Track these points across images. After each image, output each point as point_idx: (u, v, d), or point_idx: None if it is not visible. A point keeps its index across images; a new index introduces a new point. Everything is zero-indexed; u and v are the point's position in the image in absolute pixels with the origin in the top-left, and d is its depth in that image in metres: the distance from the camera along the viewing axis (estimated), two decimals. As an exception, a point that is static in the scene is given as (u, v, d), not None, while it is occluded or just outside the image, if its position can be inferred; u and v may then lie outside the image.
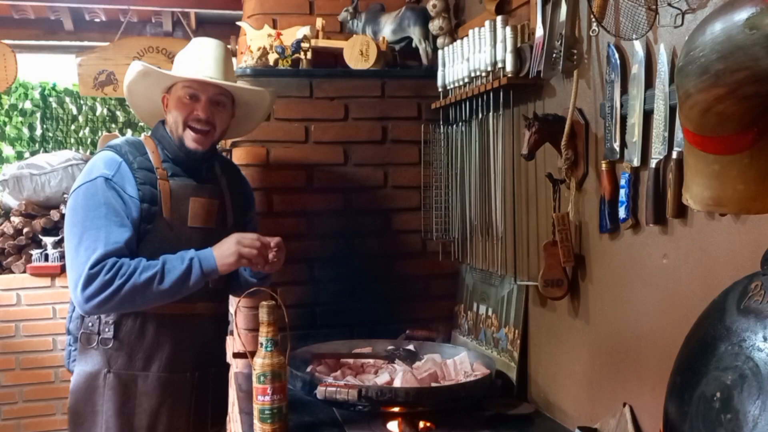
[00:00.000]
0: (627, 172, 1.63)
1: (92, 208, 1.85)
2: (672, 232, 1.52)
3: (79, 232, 1.84)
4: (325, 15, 2.83)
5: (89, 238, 1.82)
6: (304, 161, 2.65)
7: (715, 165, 1.11)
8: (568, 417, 1.97)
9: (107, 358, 1.93)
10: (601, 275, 1.81)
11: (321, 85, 2.65)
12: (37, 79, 6.71)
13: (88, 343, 1.94)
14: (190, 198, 1.97)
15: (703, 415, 1.11)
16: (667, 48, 1.48)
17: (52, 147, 6.66)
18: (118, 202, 1.86)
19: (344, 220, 2.69)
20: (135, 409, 1.95)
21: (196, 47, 2.05)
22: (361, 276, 2.68)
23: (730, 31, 0.99)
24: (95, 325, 1.93)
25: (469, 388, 1.98)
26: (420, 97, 2.71)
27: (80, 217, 1.86)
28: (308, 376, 2.01)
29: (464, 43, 2.29)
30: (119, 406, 1.93)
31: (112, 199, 1.86)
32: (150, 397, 1.95)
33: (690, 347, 1.23)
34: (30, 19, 5.02)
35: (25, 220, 4.26)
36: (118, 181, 1.88)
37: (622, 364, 1.72)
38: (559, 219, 1.86)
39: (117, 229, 1.84)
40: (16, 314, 4.12)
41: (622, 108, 1.65)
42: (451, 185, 2.54)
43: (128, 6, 4.55)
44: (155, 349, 1.95)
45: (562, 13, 1.73)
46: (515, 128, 2.16)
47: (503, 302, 2.30)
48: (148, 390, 1.95)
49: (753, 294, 1.12)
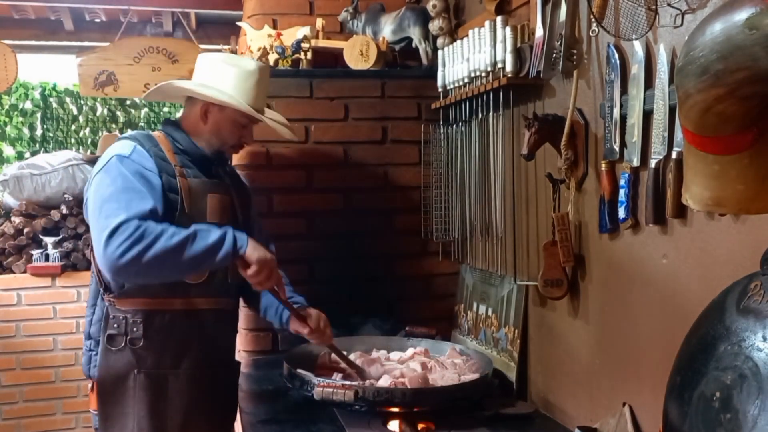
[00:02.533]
0: (627, 172, 1.63)
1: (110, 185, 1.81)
2: (672, 232, 1.52)
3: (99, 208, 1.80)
4: (325, 15, 2.84)
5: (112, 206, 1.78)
6: (304, 161, 2.65)
7: (715, 165, 1.11)
8: (568, 417, 1.97)
9: (136, 359, 1.90)
10: (600, 275, 1.81)
11: (321, 85, 2.65)
12: (38, 79, 6.71)
13: (113, 345, 1.90)
14: (208, 194, 1.97)
15: (702, 414, 1.11)
16: (666, 48, 1.48)
17: (52, 147, 6.67)
18: (137, 177, 1.83)
19: (344, 220, 2.69)
20: (167, 408, 1.92)
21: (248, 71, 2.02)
22: (361, 276, 2.68)
23: (730, 31, 0.99)
24: (121, 326, 1.89)
25: (467, 389, 1.99)
26: (420, 97, 2.71)
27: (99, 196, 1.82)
28: (307, 376, 2.01)
29: (464, 43, 2.29)
30: (151, 406, 1.90)
31: (131, 175, 1.82)
32: (182, 395, 1.93)
33: (690, 347, 1.23)
34: (30, 19, 5.02)
35: (26, 220, 4.26)
36: (136, 159, 1.86)
37: (621, 364, 1.72)
38: (559, 219, 1.86)
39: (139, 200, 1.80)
40: (16, 314, 4.11)
41: (621, 108, 1.65)
42: (451, 185, 2.54)
43: (128, 6, 4.55)
44: (185, 346, 1.94)
45: (562, 13, 1.73)
46: (515, 128, 2.16)
47: (503, 302, 2.30)
48: (180, 388, 1.93)
49: (752, 294, 1.12)
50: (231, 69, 2.02)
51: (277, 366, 2.27)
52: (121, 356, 1.90)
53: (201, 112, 2.02)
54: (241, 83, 2.01)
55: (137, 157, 1.87)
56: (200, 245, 1.79)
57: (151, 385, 1.91)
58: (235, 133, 2.04)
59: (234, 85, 2.00)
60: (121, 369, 1.90)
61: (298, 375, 2.03)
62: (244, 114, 2.01)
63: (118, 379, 1.90)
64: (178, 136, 2.01)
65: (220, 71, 2.02)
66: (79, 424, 4.19)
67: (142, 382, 1.90)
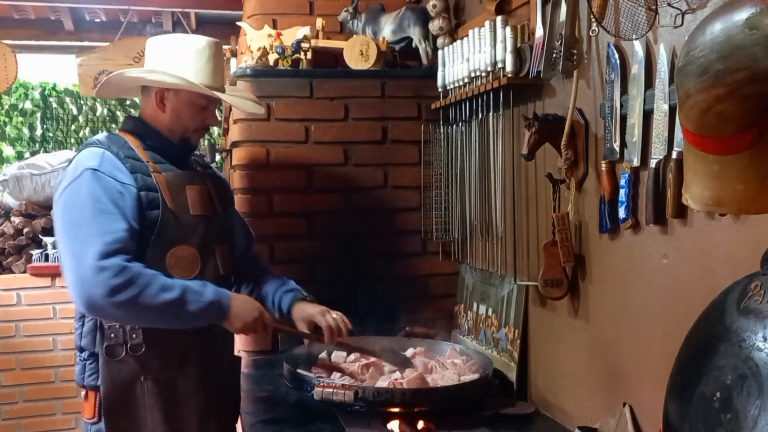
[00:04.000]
0: (627, 172, 1.63)
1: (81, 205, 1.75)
2: (672, 232, 1.52)
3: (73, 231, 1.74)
4: (325, 15, 2.84)
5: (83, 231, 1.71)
6: (304, 161, 2.65)
7: (715, 165, 1.11)
8: (568, 417, 1.97)
9: (140, 366, 1.82)
10: (601, 275, 1.81)
11: (321, 85, 2.65)
12: (38, 79, 6.71)
13: (113, 355, 1.82)
14: (186, 186, 1.91)
15: (703, 414, 1.11)
16: (666, 48, 1.48)
17: (52, 147, 6.66)
18: (109, 192, 1.76)
19: (344, 220, 2.69)
20: (182, 411, 1.85)
21: (198, 49, 1.94)
22: (361, 276, 2.68)
23: (730, 31, 0.99)
24: (119, 335, 1.81)
25: (467, 389, 1.99)
26: (420, 97, 2.71)
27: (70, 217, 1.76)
28: (307, 376, 2.01)
29: (464, 43, 2.29)
30: (165, 411, 1.83)
31: (101, 193, 1.75)
32: (195, 395, 1.87)
33: (690, 347, 1.23)
34: (30, 19, 5.02)
35: (26, 220, 4.26)
36: (106, 170, 1.78)
37: (622, 364, 1.72)
38: (559, 219, 1.86)
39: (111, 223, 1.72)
40: (16, 314, 4.12)
41: (622, 108, 1.65)
42: (451, 185, 2.54)
43: (128, 6, 4.54)
44: (188, 345, 1.88)
45: (562, 13, 1.73)
46: (515, 128, 2.16)
47: (503, 302, 2.30)
48: (190, 389, 1.86)
49: (753, 294, 1.12)
50: (180, 49, 1.92)
51: (277, 366, 2.27)
52: (125, 366, 1.82)
53: (157, 100, 1.92)
54: (193, 63, 1.91)
55: (107, 167, 1.79)
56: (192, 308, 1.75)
57: (161, 391, 1.84)
58: (195, 116, 1.94)
59: (185, 66, 1.91)
60: (127, 379, 1.83)
61: (298, 375, 2.03)
62: (201, 95, 1.91)
63: (124, 389, 1.83)
64: (143, 132, 1.93)
65: (170, 53, 1.93)
66: (78, 424, 4.18)
67: (151, 388, 1.83)
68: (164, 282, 1.73)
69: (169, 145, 1.94)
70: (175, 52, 1.93)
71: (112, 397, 1.83)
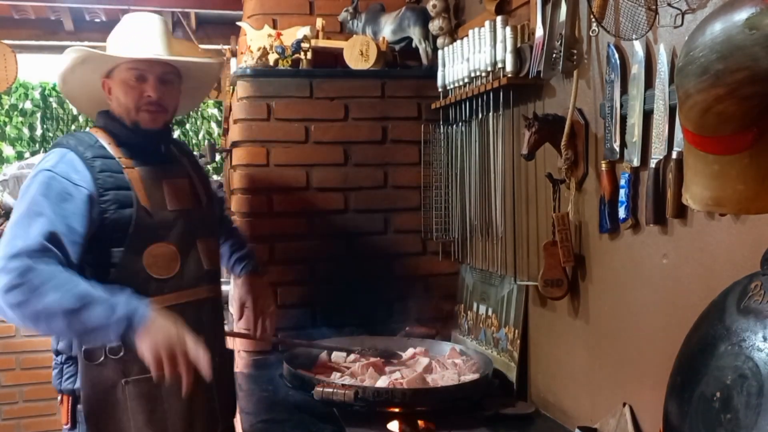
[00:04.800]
0: (627, 172, 1.63)
1: (18, 207, 1.70)
2: (672, 232, 1.52)
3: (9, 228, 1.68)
4: (325, 15, 2.84)
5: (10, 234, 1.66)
6: (304, 161, 2.65)
7: (715, 165, 1.11)
8: (568, 417, 1.97)
9: (121, 368, 1.76)
10: (600, 275, 1.81)
11: (321, 85, 2.65)
12: (38, 79, 6.72)
13: (92, 359, 1.76)
14: (162, 181, 1.85)
15: (703, 414, 1.12)
16: (666, 48, 1.48)
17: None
18: (53, 195, 1.69)
19: (344, 220, 2.69)
20: (167, 413, 1.79)
21: (134, 24, 1.90)
22: (361, 276, 2.68)
23: (730, 32, 0.99)
24: None
25: (467, 389, 1.99)
26: (420, 97, 2.71)
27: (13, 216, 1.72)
28: (307, 376, 2.01)
29: (464, 43, 2.29)
30: (149, 414, 1.77)
31: (45, 193, 1.69)
32: (179, 396, 1.72)
33: (690, 347, 1.23)
34: (30, 19, 5.02)
35: (25, 220, 4.27)
36: (61, 171, 1.72)
37: (621, 364, 1.72)
38: (559, 219, 1.86)
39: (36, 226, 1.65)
40: (16, 314, 4.12)
41: (622, 108, 1.65)
42: (451, 185, 2.54)
43: (128, 6, 4.54)
44: None
45: (562, 13, 1.73)
46: (515, 128, 2.16)
47: (503, 302, 2.30)
48: (174, 390, 1.70)
49: (753, 294, 1.12)
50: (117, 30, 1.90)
51: (277, 366, 2.27)
52: (104, 369, 1.76)
53: (105, 90, 1.88)
54: (121, 39, 1.87)
55: (63, 167, 1.73)
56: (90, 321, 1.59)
57: (144, 393, 1.77)
58: (130, 93, 1.83)
59: (113, 44, 1.87)
60: (107, 382, 1.76)
61: (298, 375, 2.03)
62: (128, 68, 1.81)
63: (105, 394, 1.76)
64: (112, 126, 1.88)
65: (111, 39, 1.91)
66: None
67: (132, 391, 1.76)
68: (71, 289, 1.60)
69: (137, 135, 1.86)
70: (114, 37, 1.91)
71: (93, 401, 1.78)
